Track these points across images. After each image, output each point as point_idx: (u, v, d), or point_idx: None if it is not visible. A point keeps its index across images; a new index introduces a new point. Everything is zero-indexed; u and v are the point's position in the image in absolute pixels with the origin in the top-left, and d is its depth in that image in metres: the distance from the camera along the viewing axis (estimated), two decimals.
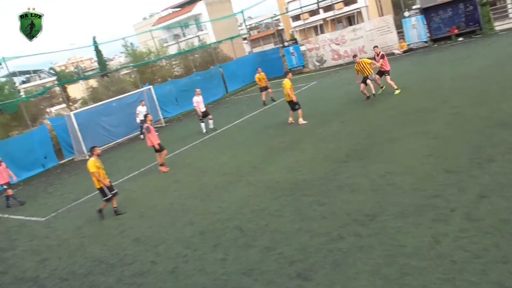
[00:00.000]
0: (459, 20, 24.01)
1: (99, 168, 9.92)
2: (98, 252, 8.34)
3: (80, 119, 19.47)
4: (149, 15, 72.77)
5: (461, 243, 5.30)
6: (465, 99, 11.63)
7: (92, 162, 9.82)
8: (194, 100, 17.11)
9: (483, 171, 7.07)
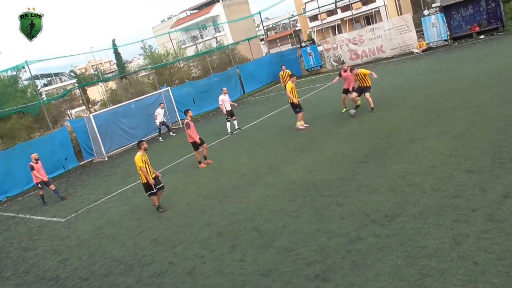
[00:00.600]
0: (480, 18, 23.58)
1: (145, 162, 9.64)
2: (117, 252, 8.43)
3: (99, 121, 19.75)
4: (167, 18, 73.37)
5: (483, 244, 5.17)
6: (488, 98, 11.38)
7: (139, 157, 9.58)
8: (220, 98, 17.07)
9: (506, 171, 6.90)
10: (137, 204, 11.26)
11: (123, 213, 10.90)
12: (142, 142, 9.94)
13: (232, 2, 63.99)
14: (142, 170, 9.58)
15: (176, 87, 25.73)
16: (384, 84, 18.16)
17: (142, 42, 34.49)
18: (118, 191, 13.21)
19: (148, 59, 37.16)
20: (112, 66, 78.17)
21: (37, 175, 13.84)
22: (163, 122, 20.69)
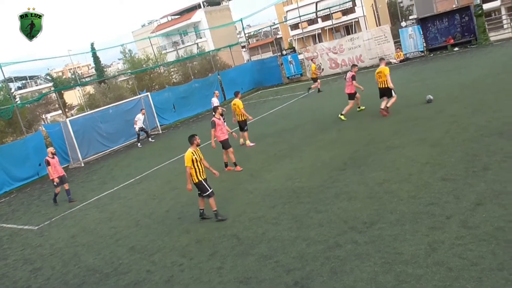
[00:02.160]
0: (455, 31, 24.22)
1: (197, 161, 8.47)
2: (92, 261, 8.28)
3: (76, 126, 19.44)
4: (148, 22, 72.93)
5: (457, 250, 5.29)
6: (462, 109, 11.68)
7: (189, 155, 8.40)
8: (213, 101, 17.83)
9: (479, 179, 7.09)
10: (114, 211, 11.11)
11: (99, 220, 10.72)
12: (194, 136, 8.71)
13: (214, 8, 64.10)
14: (187, 172, 8.44)
15: (156, 93, 25.57)
16: (362, 93, 18.42)
17: (122, 46, 34.26)
18: (94, 198, 13.00)
19: (127, 64, 36.86)
20: (91, 70, 77.13)
21: (51, 171, 12.95)
22: (142, 128, 20.49)
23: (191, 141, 8.63)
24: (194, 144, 8.61)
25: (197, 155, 8.53)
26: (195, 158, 8.43)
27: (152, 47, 32.17)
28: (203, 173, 8.59)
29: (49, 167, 13.01)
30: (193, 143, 8.61)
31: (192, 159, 8.38)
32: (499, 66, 16.14)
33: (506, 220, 5.64)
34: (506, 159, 7.57)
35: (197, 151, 8.59)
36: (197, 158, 8.49)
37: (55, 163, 13.19)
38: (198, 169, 8.48)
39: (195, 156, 8.46)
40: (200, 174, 8.49)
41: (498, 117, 10.00)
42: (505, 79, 13.67)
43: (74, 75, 60.02)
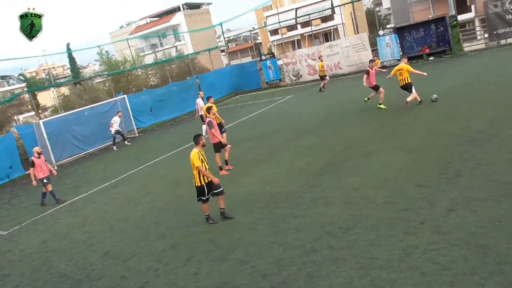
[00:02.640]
0: (430, 40, 24.77)
1: (203, 161, 8.17)
2: (64, 267, 8.07)
3: (49, 127, 19.02)
4: (126, 24, 72.16)
5: (430, 255, 5.38)
6: (437, 116, 11.93)
7: (196, 154, 8.10)
8: (198, 102, 18.10)
9: (452, 186, 7.24)
10: (88, 216, 10.89)
11: (72, 225, 10.48)
12: (200, 136, 8.46)
13: (194, 12, 63.95)
14: (200, 170, 8.06)
15: (133, 95, 25.29)
16: (341, 99, 18.65)
17: (99, 47, 33.79)
18: (67, 202, 12.71)
19: (104, 65, 36.40)
20: (66, 71, 75.82)
21: (33, 174, 12.47)
22: (118, 131, 20.20)
23: (197, 141, 8.36)
24: (200, 144, 8.34)
25: (203, 156, 8.23)
26: (201, 158, 8.14)
27: (130, 49, 31.88)
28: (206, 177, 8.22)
29: (32, 169, 12.56)
30: (199, 143, 8.34)
31: (199, 158, 8.10)
32: (473, 76, 16.57)
33: (478, 226, 5.77)
34: (478, 166, 7.76)
35: (202, 152, 8.28)
36: (203, 159, 8.21)
37: (41, 163, 12.73)
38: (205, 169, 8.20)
39: (201, 157, 8.17)
40: (203, 177, 8.19)
41: (471, 126, 10.26)
42: (478, 89, 14.04)
43: (48, 75, 58.80)
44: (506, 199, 6.29)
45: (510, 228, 5.53)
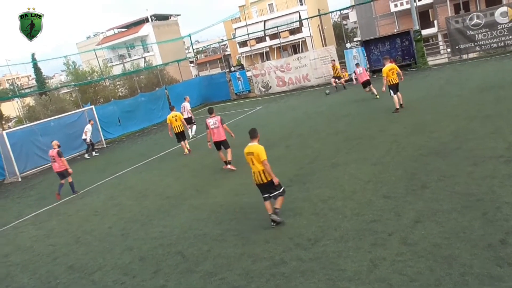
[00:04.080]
0: (396, 54, 25.45)
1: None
2: (27, 281, 7.79)
3: (13, 138, 18.47)
4: (94, 34, 71.06)
5: (397, 267, 5.46)
6: (402, 128, 12.23)
7: (263, 149, 7.59)
8: (185, 105, 19.24)
9: (417, 197, 7.40)
10: (52, 228, 10.55)
11: (36, 238, 10.13)
12: (256, 130, 7.97)
13: (162, 23, 63.67)
14: (267, 164, 7.48)
15: (100, 106, 24.89)
16: (308, 111, 18.88)
17: (65, 57, 33.12)
18: (31, 215, 12.29)
19: (71, 76, 35.67)
20: (31, 81, 73.77)
21: (65, 162, 13.06)
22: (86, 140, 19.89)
23: (255, 134, 7.87)
24: (258, 138, 7.89)
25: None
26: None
27: (97, 59, 31.38)
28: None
29: (63, 158, 13.08)
30: (257, 137, 7.88)
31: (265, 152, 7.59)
32: (436, 89, 17.12)
33: (443, 237, 5.90)
34: (442, 178, 7.98)
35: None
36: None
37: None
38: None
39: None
40: (262, 175, 7.59)
41: (435, 137, 10.55)
42: (441, 102, 14.50)
43: (12, 85, 57.04)
44: (468, 211, 6.47)
45: (473, 240, 5.67)
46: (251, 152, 7.64)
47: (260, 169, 7.56)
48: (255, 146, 7.67)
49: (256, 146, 7.66)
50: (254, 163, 7.60)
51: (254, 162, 7.60)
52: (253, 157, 7.60)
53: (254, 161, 7.59)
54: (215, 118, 12.22)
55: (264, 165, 7.48)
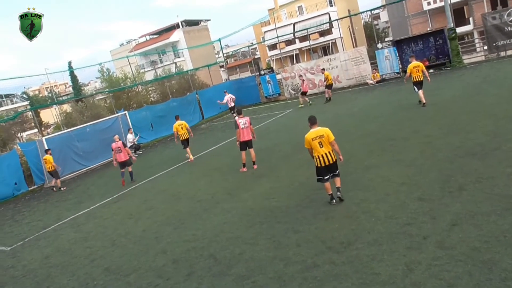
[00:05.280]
0: (429, 53, 24.90)
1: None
2: (66, 282, 8.03)
3: (52, 144, 19.12)
4: (127, 42, 72.77)
5: (434, 271, 5.32)
6: (437, 129, 11.93)
7: (330, 130, 8.21)
8: (228, 97, 23.42)
9: (454, 200, 7.20)
10: (90, 231, 10.85)
11: (74, 240, 10.45)
12: (313, 117, 8.46)
13: (192, 28, 64.51)
14: (335, 144, 8.18)
15: (133, 111, 25.41)
16: (339, 112, 18.69)
17: (100, 65, 34.03)
18: (69, 218, 12.69)
19: (105, 83, 36.63)
20: (68, 88, 76.25)
21: (129, 152, 15.20)
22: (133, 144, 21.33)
23: (317, 120, 8.38)
24: (317, 123, 8.35)
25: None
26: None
27: (130, 66, 32.10)
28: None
29: (127, 148, 15.08)
30: (317, 123, 8.35)
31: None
32: (472, 88, 16.62)
33: (482, 241, 5.71)
34: (480, 179, 7.72)
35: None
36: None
37: (117, 148, 14.83)
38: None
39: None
40: (324, 158, 8.15)
41: (471, 138, 10.24)
42: (478, 101, 14.06)
43: (51, 93, 59.07)
44: (509, 213, 6.24)
45: None
46: (321, 135, 8.13)
47: (328, 150, 8.13)
48: (324, 129, 8.20)
49: (325, 129, 8.19)
50: (323, 145, 8.12)
51: (323, 144, 8.11)
52: (322, 140, 8.11)
53: (323, 144, 8.11)
54: (245, 119, 12.61)
55: (333, 145, 8.12)
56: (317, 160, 8.25)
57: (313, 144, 8.19)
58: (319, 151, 8.17)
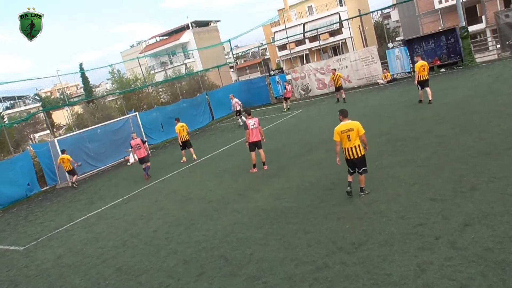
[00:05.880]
0: (441, 52, 24.68)
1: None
2: (78, 282, 8.10)
3: (64, 145, 19.27)
4: (137, 43, 73.26)
5: (446, 271, 5.27)
6: (449, 129, 11.81)
7: (360, 124, 8.40)
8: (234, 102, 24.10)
9: (467, 200, 7.12)
10: (101, 232, 10.93)
11: (86, 241, 10.54)
12: (346, 109, 8.76)
13: (202, 29, 64.73)
14: (364, 138, 8.45)
15: (144, 112, 25.54)
16: (350, 113, 18.52)
17: (111, 66, 34.30)
18: (81, 218, 12.80)
19: (116, 84, 36.89)
20: (79, 90, 76.99)
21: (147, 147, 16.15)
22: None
23: (347, 113, 8.61)
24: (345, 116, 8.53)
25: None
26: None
27: (140, 67, 32.28)
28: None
29: (145, 144, 16.04)
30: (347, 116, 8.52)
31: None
32: (485, 87, 16.43)
33: (495, 241, 5.64)
34: (493, 179, 7.63)
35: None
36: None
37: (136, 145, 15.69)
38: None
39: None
40: (354, 151, 8.36)
41: (484, 138, 10.13)
42: (491, 100, 13.90)
43: (62, 95, 59.71)
44: None
45: None
46: (351, 128, 8.28)
47: (356, 144, 8.29)
48: (354, 123, 8.35)
49: (355, 123, 8.34)
50: (351, 139, 8.29)
51: (351, 138, 8.28)
52: (351, 133, 8.26)
53: (351, 137, 8.27)
54: (254, 119, 12.69)
55: (363, 138, 8.33)
56: (345, 153, 8.48)
57: (342, 137, 8.36)
58: (347, 144, 8.36)
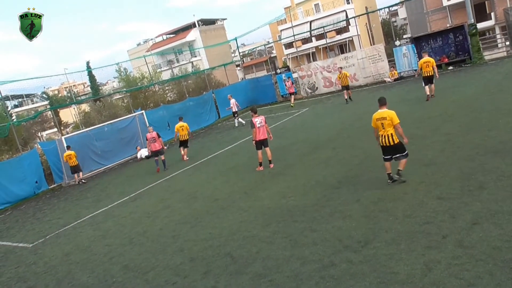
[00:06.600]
0: (449, 50, 24.50)
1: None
2: (86, 279, 8.15)
3: (71, 143, 19.38)
4: (143, 41, 73.48)
5: (453, 270, 5.24)
6: (456, 127, 11.74)
7: (395, 114, 8.57)
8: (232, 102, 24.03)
9: (474, 198, 7.07)
10: (108, 229, 10.99)
11: (93, 238, 10.60)
12: (385, 98, 8.95)
13: (209, 27, 64.79)
14: (399, 127, 8.48)
15: (150, 111, 25.59)
16: (357, 111, 18.54)
17: (117, 65, 34.41)
18: (88, 216, 12.87)
19: (123, 82, 37.02)
20: (86, 88, 77.36)
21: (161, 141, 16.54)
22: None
23: (386, 101, 8.83)
24: (386, 104, 8.80)
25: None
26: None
27: (147, 65, 32.33)
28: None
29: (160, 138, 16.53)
30: (386, 104, 8.80)
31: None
32: (493, 85, 16.30)
33: (503, 240, 5.60)
34: (502, 178, 7.58)
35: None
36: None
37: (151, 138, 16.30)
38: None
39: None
40: (389, 138, 8.52)
41: (493, 136, 10.05)
42: (499, 98, 13.79)
43: (70, 93, 59.99)
44: None
45: None
46: (384, 117, 8.51)
47: (390, 132, 8.45)
48: (388, 112, 8.54)
49: (389, 111, 8.53)
50: (385, 127, 8.50)
51: (385, 126, 8.49)
52: (385, 122, 8.48)
53: (385, 125, 8.49)
54: (261, 118, 12.69)
55: (397, 128, 8.40)
56: (380, 139, 8.67)
57: (377, 124, 8.64)
58: (381, 131, 8.60)
